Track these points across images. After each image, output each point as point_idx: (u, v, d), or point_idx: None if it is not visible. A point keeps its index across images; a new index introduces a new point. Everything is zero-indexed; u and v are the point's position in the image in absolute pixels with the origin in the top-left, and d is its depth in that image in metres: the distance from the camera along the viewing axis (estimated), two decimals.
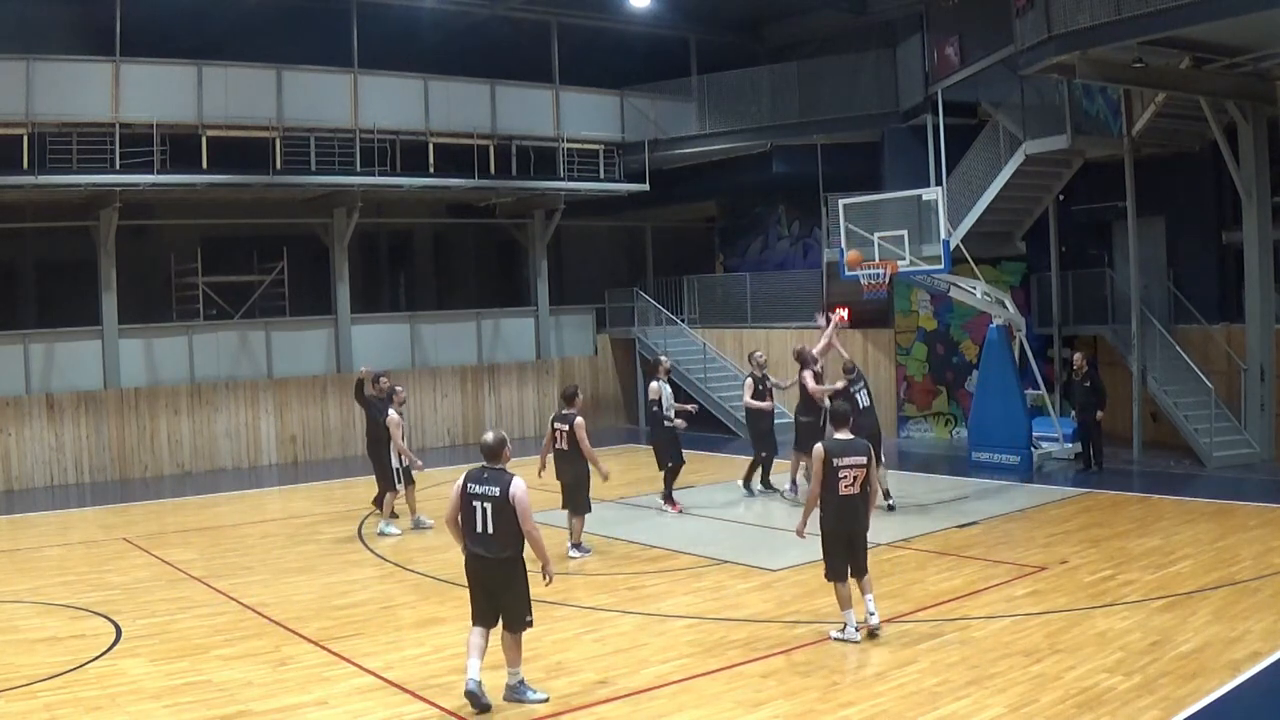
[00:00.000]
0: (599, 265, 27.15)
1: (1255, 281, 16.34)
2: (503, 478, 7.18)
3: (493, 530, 7.09)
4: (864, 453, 8.38)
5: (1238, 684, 7.12)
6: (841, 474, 8.26)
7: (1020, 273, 20.44)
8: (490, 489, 7.13)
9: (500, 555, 7.10)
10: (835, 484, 8.29)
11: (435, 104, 21.12)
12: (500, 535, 7.09)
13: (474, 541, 7.17)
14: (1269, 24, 13.18)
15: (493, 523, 7.09)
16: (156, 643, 8.78)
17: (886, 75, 21.61)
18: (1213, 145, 16.78)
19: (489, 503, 7.11)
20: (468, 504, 7.19)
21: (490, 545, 7.12)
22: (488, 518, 7.10)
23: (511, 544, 7.14)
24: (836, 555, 8.41)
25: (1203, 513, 12.81)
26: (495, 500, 7.09)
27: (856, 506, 8.38)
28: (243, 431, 19.93)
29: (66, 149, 17.51)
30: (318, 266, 21.49)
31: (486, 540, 7.12)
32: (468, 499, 7.19)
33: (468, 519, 7.19)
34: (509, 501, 7.08)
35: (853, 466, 8.27)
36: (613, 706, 7.16)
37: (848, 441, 8.44)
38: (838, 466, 8.26)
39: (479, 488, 7.18)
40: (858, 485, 8.30)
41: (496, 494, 7.10)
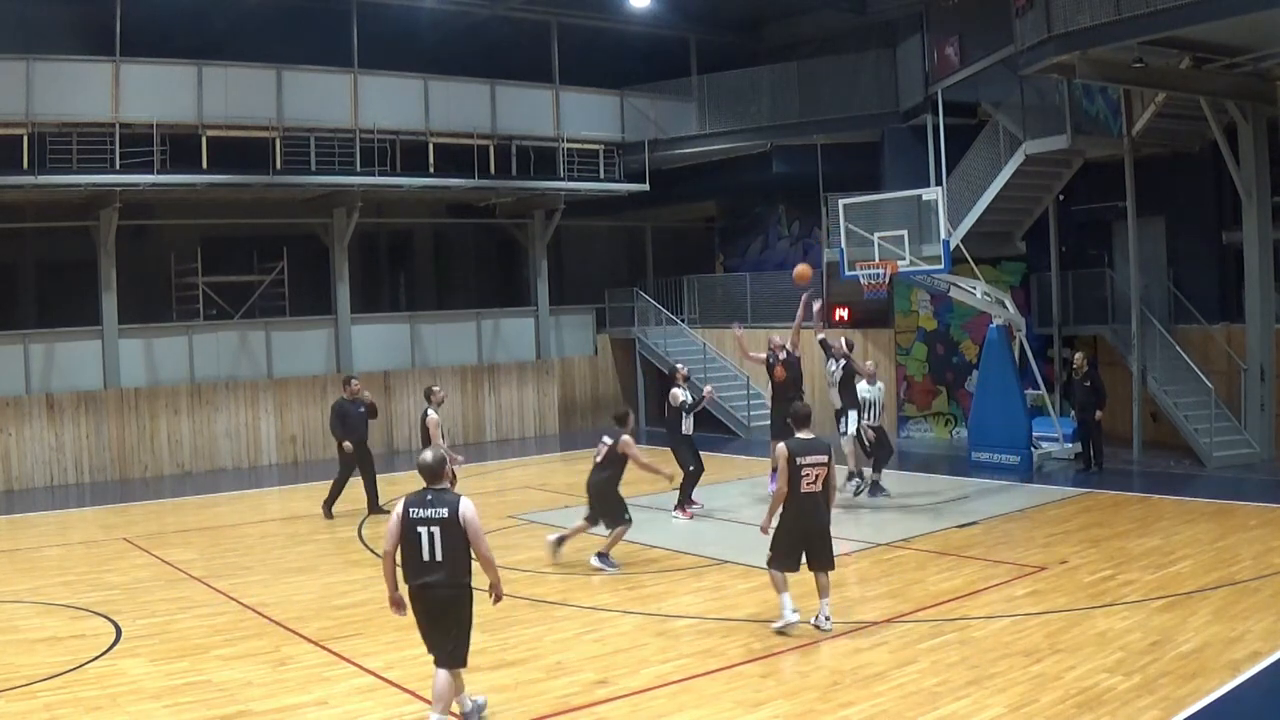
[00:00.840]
0: (599, 265, 27.15)
1: (1255, 281, 16.34)
2: (449, 498, 6.54)
3: (441, 556, 6.45)
4: (825, 451, 8.61)
5: (1238, 684, 7.11)
6: (804, 472, 8.46)
7: (1020, 273, 20.44)
8: (437, 511, 6.47)
9: (448, 583, 6.48)
10: (798, 482, 8.48)
11: (435, 104, 21.12)
12: (450, 561, 6.46)
13: (420, 572, 6.49)
14: (1269, 24, 13.19)
15: (441, 548, 6.45)
16: (156, 643, 8.77)
17: (886, 75, 21.61)
18: (1213, 145, 16.78)
19: (436, 526, 6.45)
20: (410, 531, 6.49)
21: (439, 572, 6.46)
22: (435, 543, 6.45)
23: (463, 570, 6.54)
24: (789, 549, 8.62)
25: (1203, 513, 12.82)
26: (444, 522, 6.45)
27: (817, 504, 8.59)
28: (243, 431, 19.93)
29: (66, 149, 17.51)
30: (318, 266, 21.48)
31: (434, 568, 6.46)
32: (410, 525, 6.49)
33: (411, 548, 6.49)
34: (459, 523, 6.47)
35: (815, 465, 8.49)
36: (613, 706, 7.15)
37: (810, 440, 8.64)
38: (800, 465, 8.46)
39: (423, 511, 6.49)
40: (819, 483, 8.52)
41: (445, 515, 6.46)
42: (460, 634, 6.61)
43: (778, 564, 8.66)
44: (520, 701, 7.26)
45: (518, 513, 14.37)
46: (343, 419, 14.10)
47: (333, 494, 14.19)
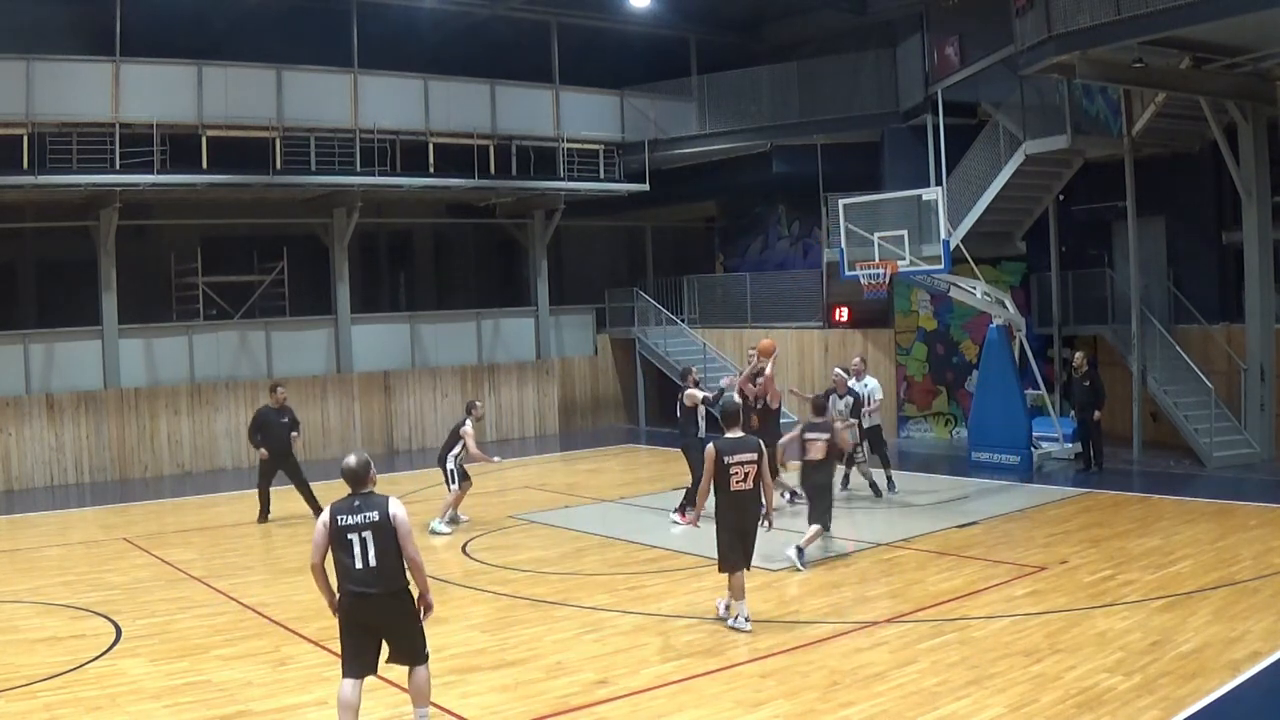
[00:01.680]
0: (599, 265, 27.16)
1: (1255, 281, 16.34)
2: (377, 500, 6.37)
3: (375, 562, 6.24)
4: (754, 449, 8.65)
5: (1238, 684, 7.11)
6: (733, 470, 8.55)
7: (1020, 273, 20.44)
8: (367, 515, 6.28)
9: (389, 589, 6.30)
10: (727, 480, 8.57)
11: (435, 104, 21.12)
12: (384, 566, 6.27)
13: (353, 580, 6.27)
14: (1269, 24, 13.19)
15: (375, 552, 6.24)
16: (156, 643, 8.77)
17: (886, 75, 21.61)
18: (1213, 145, 16.78)
19: (367, 531, 6.25)
20: (340, 539, 6.27)
21: (374, 579, 6.26)
22: (368, 549, 6.24)
23: (399, 575, 6.34)
24: (733, 549, 8.68)
25: (1203, 513, 12.81)
26: (375, 525, 6.26)
27: (747, 501, 8.66)
28: (243, 431, 19.85)
29: (66, 149, 17.51)
30: (318, 266, 21.48)
31: (369, 575, 6.25)
32: (339, 533, 6.27)
33: (342, 557, 6.28)
34: (390, 523, 6.28)
35: (743, 463, 8.56)
36: (613, 706, 7.15)
37: (738, 439, 8.72)
38: (729, 464, 8.55)
39: (352, 518, 6.28)
40: (749, 481, 8.58)
41: (375, 519, 6.27)
42: (415, 632, 6.48)
43: (726, 566, 8.75)
44: (520, 701, 7.27)
45: (518, 513, 14.37)
46: (262, 427, 13.97)
47: (262, 501, 14.09)
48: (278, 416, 14.06)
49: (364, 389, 21.33)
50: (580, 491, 16.10)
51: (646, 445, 21.59)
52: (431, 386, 22.19)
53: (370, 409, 21.34)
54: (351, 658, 6.43)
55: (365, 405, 21.28)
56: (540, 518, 14.04)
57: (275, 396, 14.21)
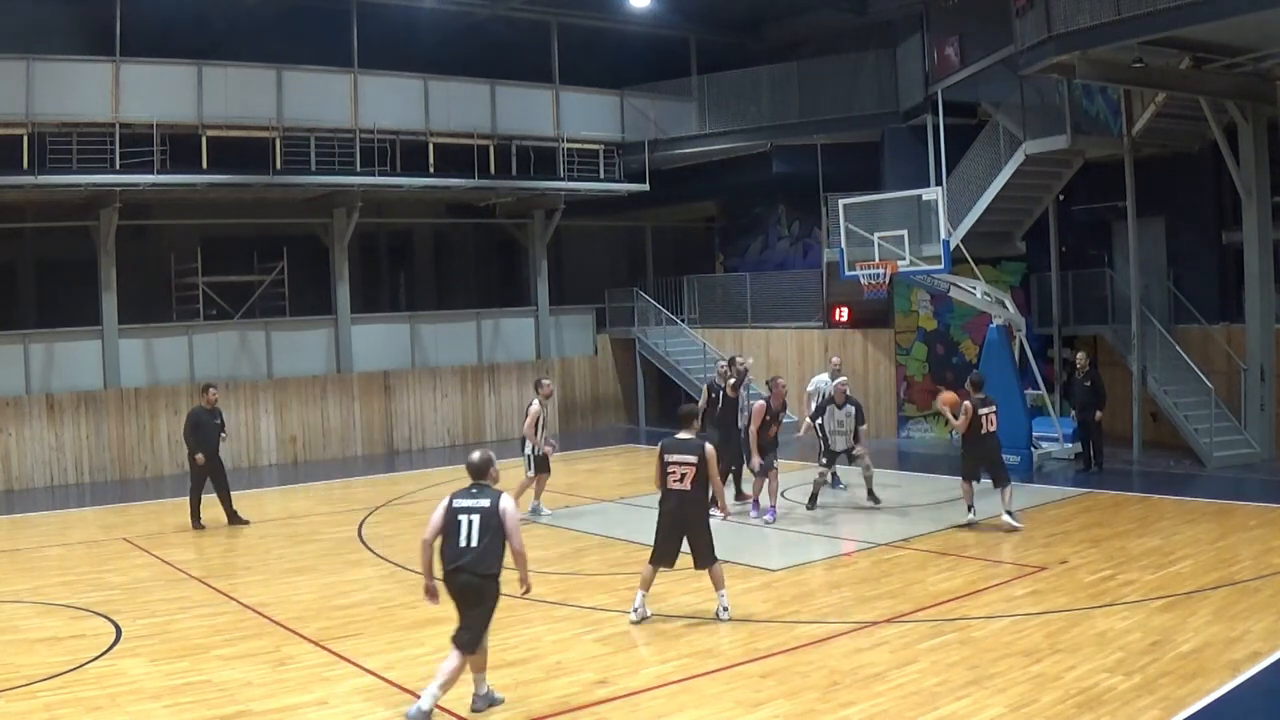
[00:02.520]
0: (599, 265, 27.15)
1: (1255, 281, 16.34)
2: (491, 493, 7.11)
3: (476, 543, 6.93)
4: (695, 452, 8.81)
5: (1238, 684, 7.11)
6: (670, 469, 8.85)
7: (1020, 273, 20.44)
8: (479, 501, 7.04)
9: (476, 571, 6.92)
10: (665, 478, 8.92)
11: (435, 104, 21.12)
12: (484, 550, 6.92)
13: (455, 556, 6.95)
14: (1269, 24, 13.19)
15: (478, 535, 6.94)
16: (156, 643, 8.77)
17: (886, 75, 21.60)
18: (1213, 145, 16.78)
19: (476, 515, 6.98)
20: (451, 519, 7.00)
21: (470, 558, 6.92)
22: (473, 530, 6.94)
23: (493, 562, 6.97)
24: (661, 543, 8.99)
25: (1203, 513, 12.81)
26: (484, 511, 6.99)
27: (684, 500, 8.86)
28: (243, 431, 19.91)
29: (66, 149, 17.51)
30: (318, 266, 21.48)
31: (466, 554, 6.93)
32: (452, 514, 7.02)
33: (450, 535, 6.98)
34: (498, 514, 6.99)
35: (681, 463, 8.79)
36: (613, 706, 7.15)
37: (683, 440, 8.95)
38: (668, 462, 8.87)
39: (466, 501, 7.06)
40: (687, 482, 8.78)
41: (486, 505, 7.01)
42: (478, 623, 7.00)
43: (653, 559, 9.06)
44: (520, 702, 7.27)
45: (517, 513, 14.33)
46: (196, 428, 13.86)
47: (194, 507, 13.94)
48: (210, 418, 13.98)
49: (364, 389, 21.33)
50: (580, 491, 16.10)
51: (646, 445, 21.57)
52: (431, 386, 22.18)
53: (370, 409, 21.34)
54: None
55: (365, 405, 21.28)
56: (540, 518, 14.05)
57: (207, 397, 14.11)
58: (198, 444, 13.79)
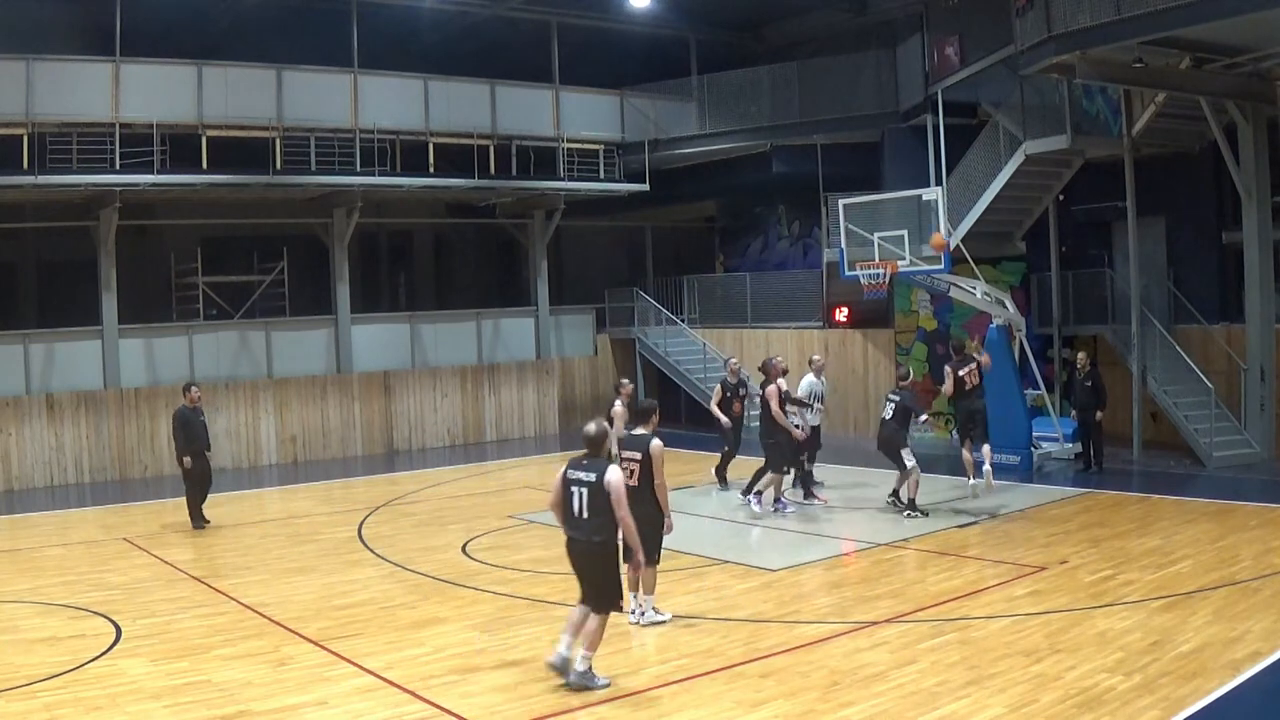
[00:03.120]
0: (599, 265, 27.16)
1: (1255, 281, 16.34)
2: (599, 465, 7.56)
3: (586, 515, 7.49)
4: (640, 449, 8.72)
5: (1238, 684, 7.11)
6: (622, 464, 8.70)
7: (1020, 273, 20.43)
8: (587, 475, 7.53)
9: (591, 539, 7.48)
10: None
11: (435, 104, 21.12)
12: (593, 519, 7.47)
13: (569, 525, 7.60)
14: (1269, 24, 13.19)
15: (587, 507, 7.49)
16: (156, 643, 8.77)
17: (886, 75, 21.60)
18: (1213, 145, 16.78)
19: (584, 488, 7.50)
20: (566, 489, 7.58)
21: (582, 528, 7.52)
22: (582, 502, 7.50)
23: (603, 529, 7.49)
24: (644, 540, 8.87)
25: (1203, 513, 12.81)
26: (591, 485, 7.48)
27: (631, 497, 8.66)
28: (243, 431, 19.93)
29: (66, 149, 17.51)
30: (318, 266, 21.49)
31: (579, 524, 7.54)
32: (567, 485, 7.59)
33: (566, 505, 7.59)
34: (604, 487, 7.44)
35: (629, 460, 8.74)
36: (613, 706, 7.15)
37: (635, 436, 8.96)
38: (622, 457, 8.82)
39: (577, 473, 7.58)
40: (634, 478, 8.67)
41: (592, 480, 7.49)
42: (601, 584, 7.53)
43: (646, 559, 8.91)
44: (520, 701, 7.26)
45: (518, 513, 14.36)
46: (186, 427, 13.87)
47: (193, 508, 13.97)
48: (196, 416, 14.01)
49: (364, 389, 21.33)
50: None
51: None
52: (431, 386, 22.18)
53: (370, 409, 21.34)
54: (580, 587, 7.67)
55: (365, 405, 21.28)
56: (540, 518, 13.99)
57: (190, 396, 14.12)
58: (187, 443, 13.81)
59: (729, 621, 8.97)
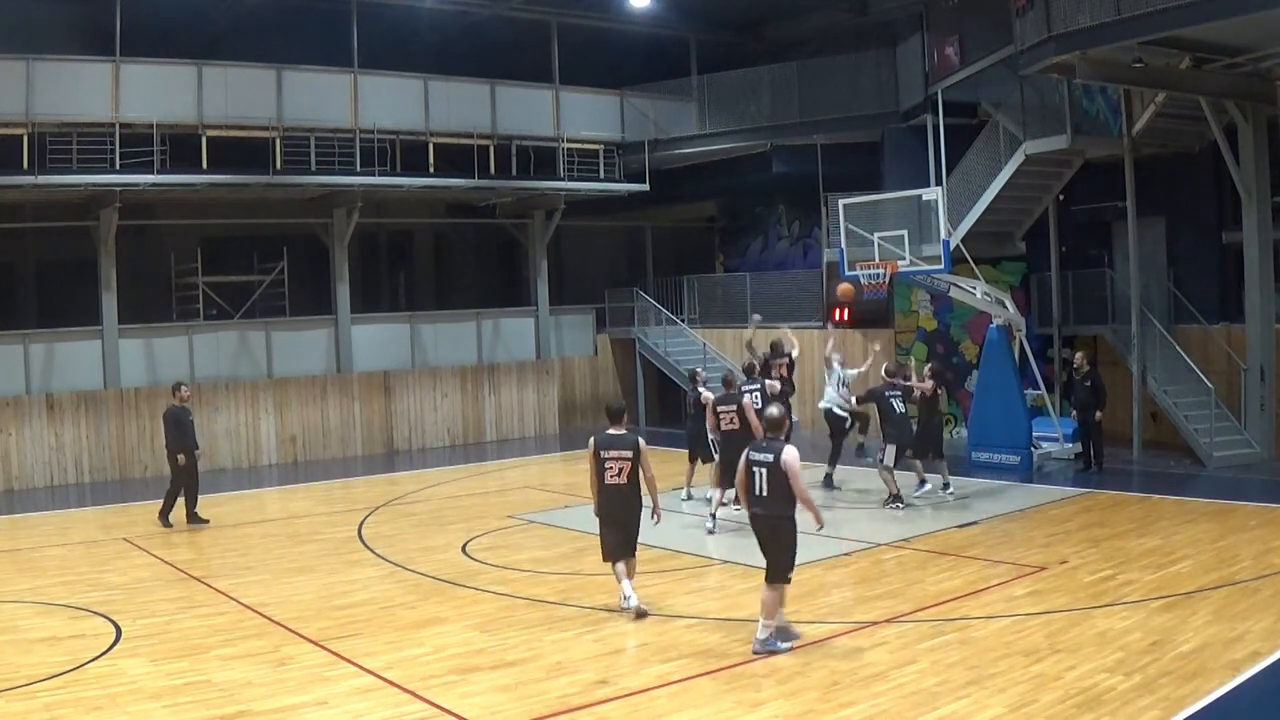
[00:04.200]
0: (599, 265, 27.15)
1: (1255, 281, 16.33)
2: (776, 447, 8.17)
3: (767, 492, 8.11)
4: (630, 447, 9.15)
5: (1238, 684, 7.11)
6: (607, 465, 9.18)
7: (1020, 273, 20.43)
8: (766, 456, 8.14)
9: (770, 513, 8.11)
10: (603, 474, 9.21)
11: (435, 104, 21.12)
12: (773, 496, 8.08)
13: (754, 503, 8.23)
14: (1269, 24, 13.18)
15: (767, 485, 8.10)
16: (156, 643, 8.77)
17: (886, 75, 21.60)
18: (1213, 145, 16.77)
19: (764, 468, 8.12)
20: (749, 470, 8.21)
21: (765, 505, 8.15)
22: (763, 481, 8.12)
23: (782, 505, 8.09)
24: (606, 538, 9.30)
25: (1203, 513, 12.81)
26: (770, 465, 8.08)
27: (623, 494, 9.22)
28: (243, 431, 19.93)
29: (66, 149, 17.50)
30: (318, 266, 21.49)
31: (762, 501, 8.16)
32: (749, 465, 8.20)
33: (750, 484, 8.20)
34: (780, 466, 8.02)
35: (618, 459, 9.14)
36: (613, 706, 7.15)
37: (617, 436, 9.25)
38: (604, 458, 9.19)
39: (759, 455, 8.21)
40: (623, 475, 9.13)
41: (770, 460, 8.09)
42: (779, 556, 8.18)
43: (606, 555, 9.33)
44: (520, 701, 7.26)
45: (518, 513, 14.37)
46: (178, 425, 13.96)
47: (189, 504, 14.02)
48: (186, 415, 14.10)
49: (364, 389, 21.33)
50: (580, 491, 16.04)
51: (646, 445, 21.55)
52: (431, 386, 22.18)
53: (370, 409, 21.34)
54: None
55: (365, 405, 21.28)
56: (540, 518, 14.06)
57: (180, 395, 14.22)
58: (181, 441, 13.87)
59: (729, 621, 8.97)
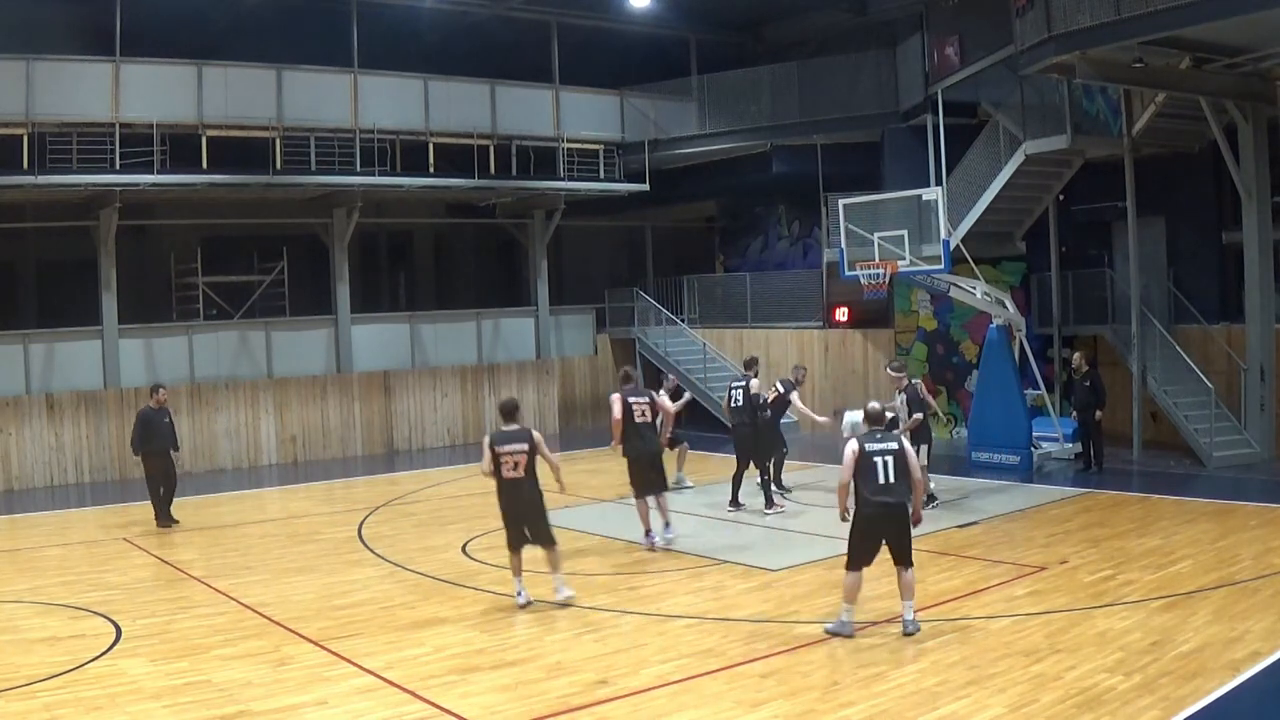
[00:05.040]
0: (599, 265, 27.15)
1: (1255, 281, 16.33)
2: (893, 436, 8.59)
3: (894, 479, 8.27)
4: (525, 440, 9.41)
5: (1238, 684, 7.11)
6: (504, 460, 9.34)
7: (1020, 273, 20.43)
8: (888, 445, 8.37)
9: (900, 500, 8.32)
10: (501, 468, 9.36)
11: (435, 104, 21.11)
12: (899, 483, 8.30)
13: (878, 492, 8.27)
14: (1269, 24, 13.18)
15: (894, 472, 8.27)
16: (156, 643, 8.77)
17: (886, 75, 21.60)
18: (1213, 145, 16.77)
19: (889, 456, 8.29)
20: (867, 461, 8.29)
21: (894, 492, 8.27)
22: (889, 469, 8.25)
23: (907, 491, 8.37)
24: (508, 530, 9.51)
25: (1203, 513, 12.81)
26: (894, 453, 8.32)
27: (521, 486, 9.41)
28: (243, 431, 19.92)
29: (66, 149, 17.50)
30: (318, 266, 21.48)
31: (890, 489, 8.27)
32: (867, 456, 8.30)
33: (869, 474, 8.27)
34: (904, 453, 8.36)
35: (513, 453, 9.34)
36: (613, 706, 7.15)
37: (511, 431, 9.47)
38: (500, 453, 9.33)
39: (877, 445, 8.36)
40: (520, 469, 9.33)
41: (895, 449, 8.34)
42: (908, 541, 8.43)
43: (510, 545, 9.46)
44: (520, 701, 7.26)
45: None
46: (146, 427, 13.97)
47: (157, 507, 14.04)
48: (160, 417, 14.09)
49: (364, 389, 21.33)
50: (580, 491, 16.08)
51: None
52: (431, 386, 22.18)
53: (370, 409, 21.34)
54: (863, 555, 8.46)
55: (365, 405, 21.28)
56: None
57: (156, 397, 14.22)
58: (144, 443, 13.90)
59: (729, 621, 8.97)
